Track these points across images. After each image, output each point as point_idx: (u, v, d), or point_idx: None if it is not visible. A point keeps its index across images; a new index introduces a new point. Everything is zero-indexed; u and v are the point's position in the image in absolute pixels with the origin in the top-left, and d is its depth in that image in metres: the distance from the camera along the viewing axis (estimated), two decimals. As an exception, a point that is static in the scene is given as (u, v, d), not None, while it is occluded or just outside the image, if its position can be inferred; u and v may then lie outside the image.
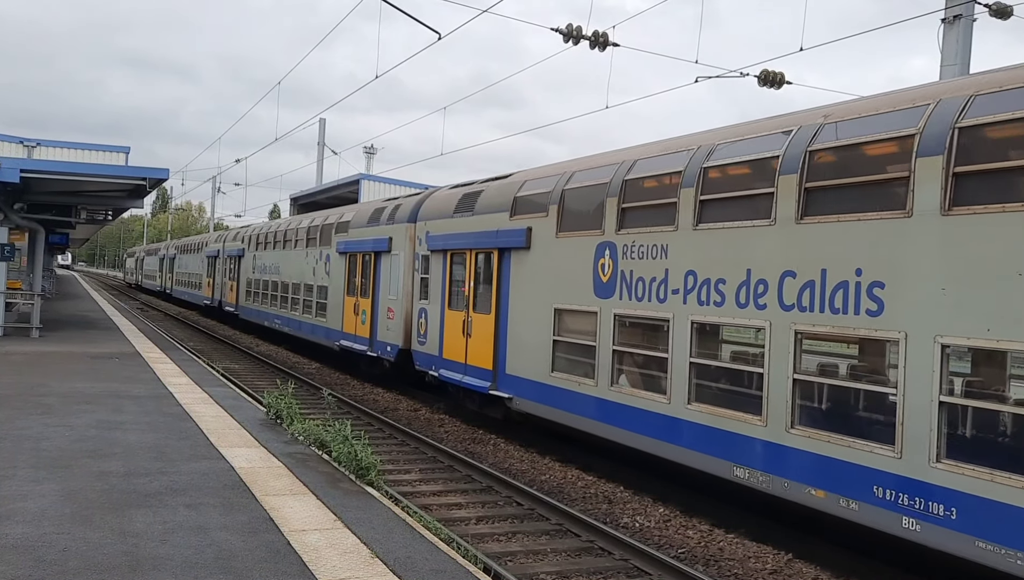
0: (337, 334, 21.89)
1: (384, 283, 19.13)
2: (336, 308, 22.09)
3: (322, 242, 23.83)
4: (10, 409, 11.62)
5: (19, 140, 34.92)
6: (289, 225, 28.30)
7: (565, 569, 8.37)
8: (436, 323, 16.33)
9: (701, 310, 9.91)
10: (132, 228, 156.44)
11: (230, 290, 35.48)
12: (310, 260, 24.70)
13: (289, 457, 9.69)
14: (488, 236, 14.61)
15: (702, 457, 9.77)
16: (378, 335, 19.29)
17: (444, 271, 16.15)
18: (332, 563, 6.19)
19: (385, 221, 19.52)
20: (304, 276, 25.11)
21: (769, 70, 15.34)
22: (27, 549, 6.10)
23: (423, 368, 17.03)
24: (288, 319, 26.79)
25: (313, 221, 25.54)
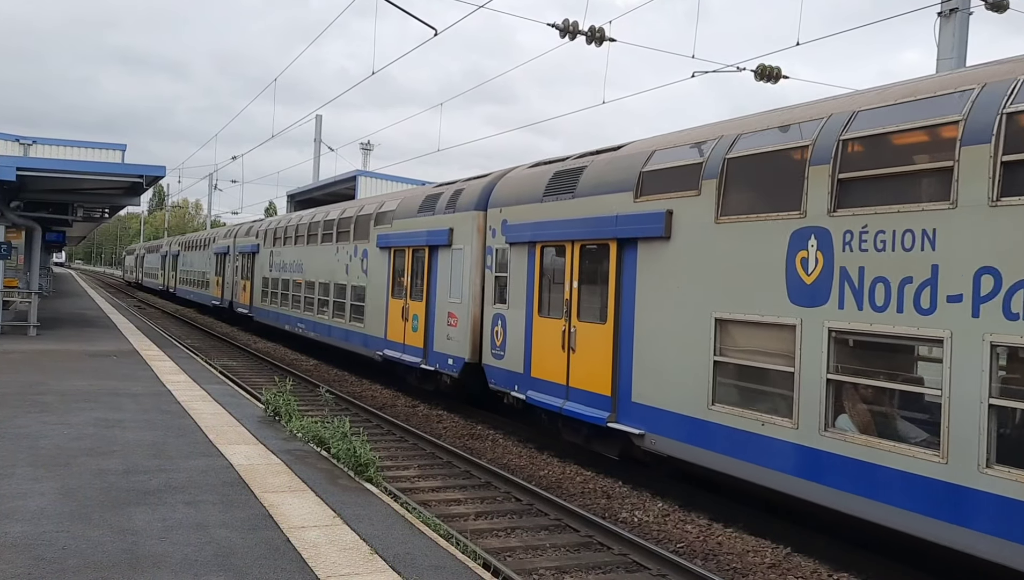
0: (378, 342, 19.03)
1: (442, 283, 16.21)
2: (377, 312, 19.33)
3: (357, 236, 20.99)
4: (8, 407, 11.61)
5: (15, 138, 34.87)
6: (314, 217, 25.30)
7: (564, 564, 8.39)
8: (519, 333, 13.42)
9: (1011, 327, 6.75)
10: (129, 226, 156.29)
11: (243, 290, 32.72)
12: (342, 256, 21.88)
13: (288, 454, 9.70)
14: (600, 223, 11.46)
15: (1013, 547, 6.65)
16: (435, 345, 16.29)
17: (530, 268, 13.20)
18: (332, 559, 6.20)
19: (443, 209, 16.52)
20: (334, 275, 22.34)
21: (766, 64, 15.34)
22: (26, 547, 6.10)
23: (501, 387, 14.02)
24: (314, 324, 23.79)
25: (344, 212, 22.64)
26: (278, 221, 29.83)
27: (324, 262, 23.42)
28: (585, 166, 12.49)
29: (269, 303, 28.94)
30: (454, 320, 15.66)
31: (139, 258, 77.81)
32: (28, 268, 26.38)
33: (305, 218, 26.33)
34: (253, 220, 35.60)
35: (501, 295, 14.13)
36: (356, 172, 41.62)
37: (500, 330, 14.06)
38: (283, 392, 12.22)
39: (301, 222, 26.35)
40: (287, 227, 27.80)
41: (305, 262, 25.21)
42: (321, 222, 24.24)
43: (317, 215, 25.33)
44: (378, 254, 19.44)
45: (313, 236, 24.75)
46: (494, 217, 14.50)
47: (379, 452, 11.36)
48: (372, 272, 19.84)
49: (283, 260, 27.66)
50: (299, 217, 27.29)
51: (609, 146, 12.76)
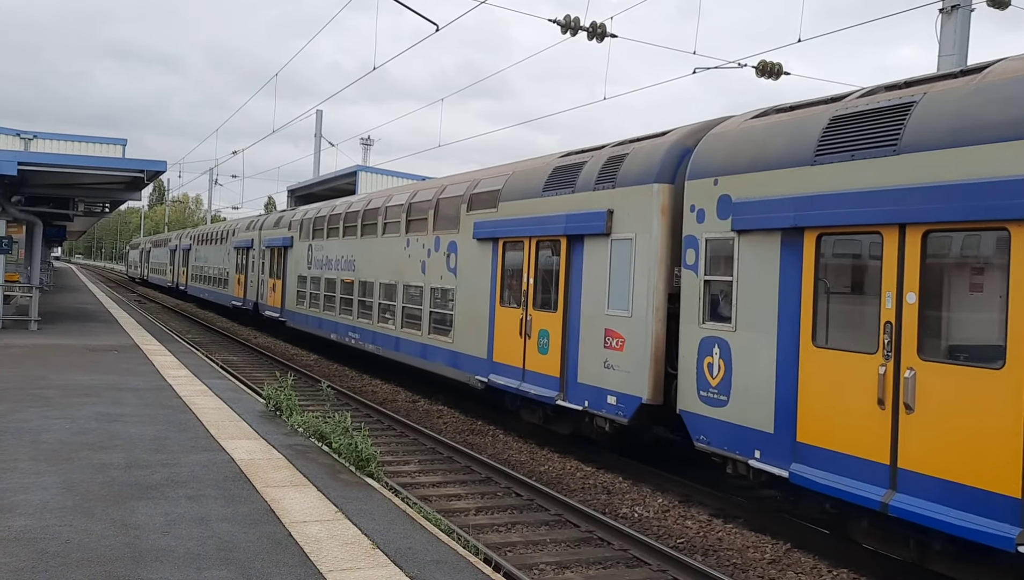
0: (477, 364, 14.80)
1: (592, 287, 12.02)
2: (474, 324, 15.06)
3: (439, 225, 16.84)
4: (10, 402, 11.64)
5: (16, 132, 34.85)
6: (369, 204, 21.04)
7: (565, 559, 8.42)
8: (765, 370, 8.88)
9: None
10: (129, 220, 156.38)
11: (271, 290, 28.50)
12: (415, 251, 17.78)
13: (289, 449, 9.72)
14: (984, 193, 6.83)
15: None
16: (579, 374, 12.12)
17: (789, 270, 8.62)
18: (333, 554, 6.22)
19: (591, 183, 12.23)
20: (403, 274, 18.22)
21: (767, 61, 15.34)
22: (30, 541, 6.12)
23: (723, 450, 9.50)
24: (374, 334, 19.51)
25: (416, 196, 18.38)
26: (317, 210, 25.36)
27: (388, 258, 19.13)
28: (912, 103, 7.82)
29: (307, 307, 24.69)
30: (617, 341, 11.39)
31: (144, 253, 73.20)
32: (29, 262, 26.41)
33: (357, 205, 22.04)
34: (282, 210, 31.30)
35: (717, 309, 9.72)
36: (357, 167, 41.62)
37: (718, 362, 9.58)
38: (284, 387, 12.25)
39: (351, 210, 22.10)
40: (331, 217, 23.48)
41: (359, 258, 20.99)
42: (382, 209, 19.89)
43: (374, 201, 21.05)
44: (475, 248, 15.15)
45: (370, 226, 20.49)
46: (700, 191, 9.99)
47: (380, 447, 11.38)
48: (465, 271, 15.54)
49: (327, 256, 23.35)
50: (347, 204, 23.19)
51: (930, 75, 8.26)
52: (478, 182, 15.71)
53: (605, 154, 12.39)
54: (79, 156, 26.83)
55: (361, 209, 21.31)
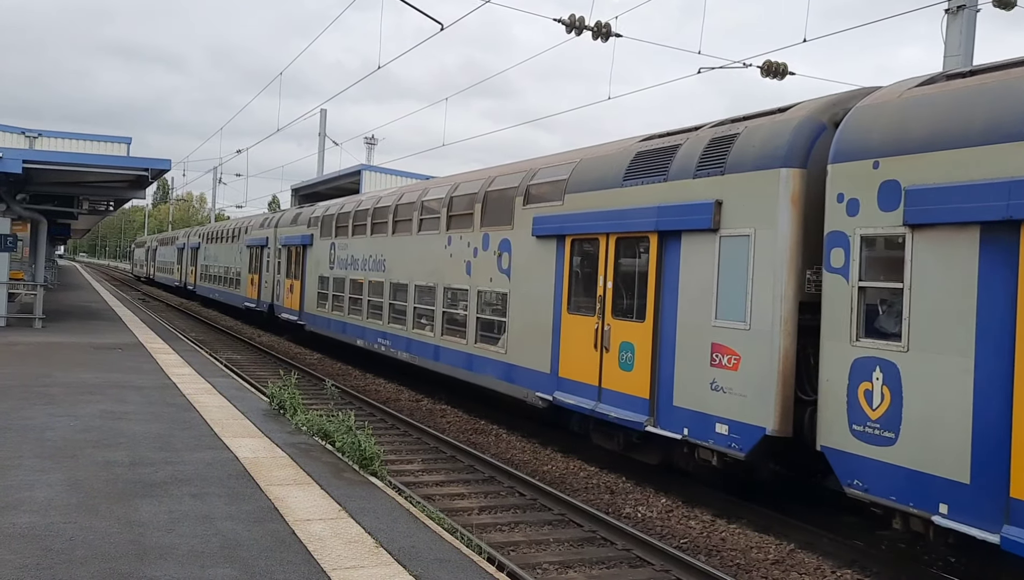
0: (538, 379, 12.93)
1: (692, 293, 10.10)
2: (534, 333, 13.15)
3: (487, 221, 14.97)
4: (15, 399, 11.67)
5: (21, 130, 34.96)
6: (401, 199, 19.13)
7: (568, 559, 8.42)
8: (954, 402, 7.15)
9: None
10: (133, 219, 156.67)
11: (289, 292, 26.80)
12: (459, 250, 15.89)
13: (293, 447, 9.73)
14: None
15: None
16: (674, 396, 10.22)
17: (1000, 276, 6.89)
18: (337, 552, 6.23)
19: (690, 169, 10.33)
20: (444, 275, 16.40)
21: (772, 61, 15.32)
22: (35, 538, 6.14)
23: (891, 502, 7.67)
24: (409, 342, 17.79)
25: (458, 188, 16.53)
26: (340, 206, 23.58)
27: (425, 258, 17.34)
28: None
29: (330, 310, 22.98)
30: (729, 358, 9.54)
31: (151, 251, 71.20)
32: (33, 260, 26.48)
33: (387, 200, 20.18)
34: (300, 206, 29.39)
35: (878, 323, 8.02)
36: (361, 166, 41.69)
37: (879, 389, 7.78)
38: (288, 386, 12.26)
39: (380, 205, 20.26)
40: (357, 212, 21.66)
41: (391, 258, 19.18)
42: (417, 204, 18.07)
43: (407, 195, 19.07)
44: (534, 246, 13.36)
45: (403, 223, 18.69)
46: (851, 177, 8.19)
47: (383, 446, 11.38)
48: (521, 273, 13.70)
49: (352, 255, 21.54)
50: (374, 198, 21.39)
51: None
52: (535, 172, 13.86)
53: (705, 136, 10.46)
54: (84, 154, 26.87)
55: (392, 204, 19.36)
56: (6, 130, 35.15)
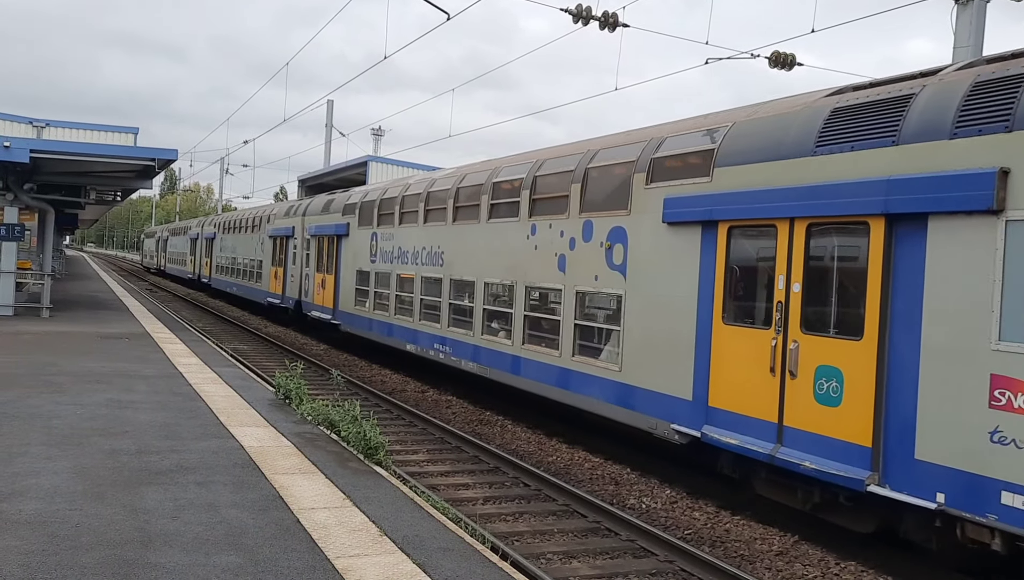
0: (675, 407, 10.23)
1: (949, 303, 7.37)
2: (665, 347, 10.50)
3: (591, 205, 12.24)
4: (22, 387, 11.72)
5: (28, 120, 35.03)
6: (463, 181, 16.46)
7: (572, 549, 8.44)
8: None
9: None
10: (140, 209, 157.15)
11: (320, 287, 24.46)
12: (547, 242, 13.21)
13: (298, 437, 9.76)
14: None
15: None
16: (916, 446, 7.48)
17: None
18: (341, 540, 6.25)
19: (955, 126, 7.47)
20: (526, 272, 13.73)
21: (780, 52, 15.24)
22: (41, 525, 6.17)
23: None
24: (476, 349, 15.21)
25: (542, 166, 13.83)
26: (383, 191, 20.90)
27: (499, 250, 14.69)
28: None
29: (371, 309, 20.48)
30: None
31: (161, 241, 68.08)
32: (41, 250, 26.56)
33: (444, 182, 17.44)
34: (333, 193, 26.77)
35: None
36: (367, 157, 41.66)
37: None
38: (294, 376, 12.29)
39: (436, 189, 17.56)
40: (405, 198, 19.01)
41: (451, 250, 16.53)
42: (487, 187, 15.31)
43: (470, 176, 16.40)
44: (664, 236, 10.60)
45: (467, 208, 16.08)
46: None
47: (388, 436, 11.41)
48: (644, 269, 10.98)
49: (399, 247, 19.09)
50: (427, 181, 18.55)
51: None
52: (661, 142, 11.07)
53: (962, 80, 7.66)
54: (90, 144, 26.95)
55: (452, 187, 16.71)
56: (14, 120, 35.22)
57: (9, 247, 22.40)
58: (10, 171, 21.45)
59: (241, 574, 5.47)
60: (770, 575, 8.00)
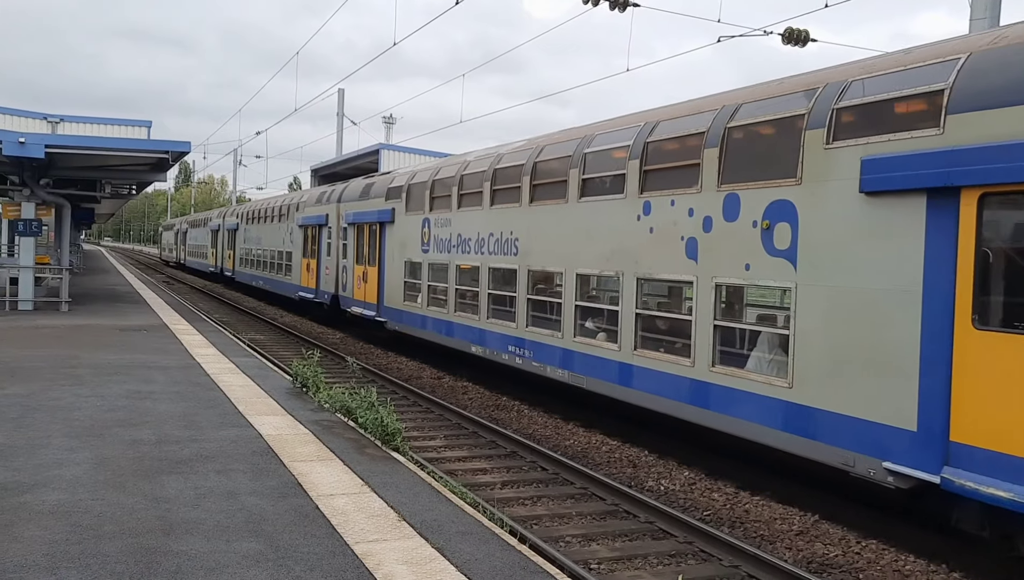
0: (887, 439, 7.77)
1: None
2: (867, 359, 8.07)
3: (732, 174, 9.89)
4: (43, 380, 11.83)
5: (43, 116, 35.24)
6: (540, 154, 13.99)
7: (590, 532, 8.45)
8: None
9: None
10: (156, 202, 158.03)
11: (360, 280, 22.26)
12: (667, 222, 10.81)
13: (315, 424, 9.81)
14: None
15: None
16: None
17: None
18: (360, 526, 6.28)
19: None
20: (637, 260, 11.34)
21: (793, 28, 15.06)
22: (64, 514, 6.23)
23: None
24: (566, 353, 12.83)
25: (655, 131, 11.36)
26: (435, 170, 18.40)
27: (598, 234, 12.12)
28: None
29: (424, 304, 18.21)
30: None
31: (180, 234, 65.58)
32: (59, 245, 26.78)
33: (513, 157, 14.90)
34: (371, 176, 24.27)
35: None
36: (379, 145, 41.63)
37: None
38: (310, 364, 12.34)
39: (504, 166, 15.08)
40: (465, 177, 16.57)
41: (528, 235, 14.01)
42: (576, 158, 12.75)
43: (549, 148, 13.91)
44: (861, 210, 8.21)
45: (549, 186, 13.53)
46: None
47: (405, 423, 11.45)
48: (830, 255, 8.53)
49: (459, 233, 16.58)
50: (489, 157, 15.96)
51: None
52: (845, 87, 8.61)
53: None
54: (104, 138, 27.06)
55: (527, 162, 14.18)
56: (29, 116, 35.44)
57: (27, 242, 22.61)
58: (26, 167, 21.62)
59: (262, 560, 5.50)
60: (791, 555, 7.98)
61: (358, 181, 24.62)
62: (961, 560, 7.75)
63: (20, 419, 9.34)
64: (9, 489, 6.79)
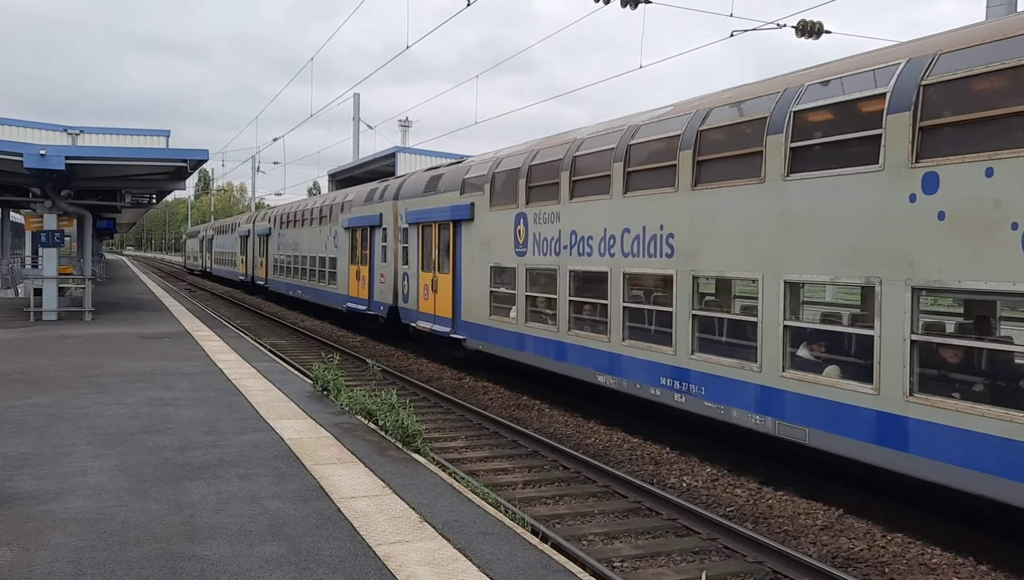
0: None
1: None
2: None
3: None
4: (67, 389, 11.96)
5: (63, 128, 35.69)
6: (706, 119, 10.66)
7: (613, 530, 8.42)
8: None
9: None
10: (176, 211, 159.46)
11: (428, 291, 18.77)
12: (967, 204, 7.24)
13: (337, 427, 9.84)
14: None
15: None
16: None
17: None
18: (382, 528, 6.29)
19: None
20: (909, 263, 7.75)
21: (807, 20, 14.93)
22: (89, 521, 6.30)
23: None
24: (775, 397, 9.32)
25: (933, 68, 7.58)
26: (528, 153, 14.98)
27: (823, 225, 8.81)
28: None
29: (522, 321, 14.83)
30: None
31: (206, 241, 62.14)
32: (81, 255, 27.07)
33: (655, 129, 11.74)
34: (436, 168, 20.77)
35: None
36: (395, 148, 41.77)
37: None
38: (331, 367, 12.39)
39: (641, 141, 11.91)
40: (577, 159, 13.34)
41: (689, 230, 10.82)
42: (775, 123, 9.36)
43: (716, 111, 10.67)
44: None
45: (725, 164, 10.37)
46: None
47: (426, 424, 11.47)
48: None
49: (572, 230, 13.36)
50: (616, 130, 12.62)
51: None
52: None
53: None
54: (123, 148, 27.38)
55: (683, 131, 10.85)
56: (50, 128, 35.93)
57: (50, 253, 22.87)
58: (47, 179, 21.86)
59: (285, 564, 5.53)
60: (815, 549, 7.91)
61: (420, 174, 21.41)
62: (988, 554, 7.65)
63: (45, 428, 9.45)
64: (35, 497, 6.88)
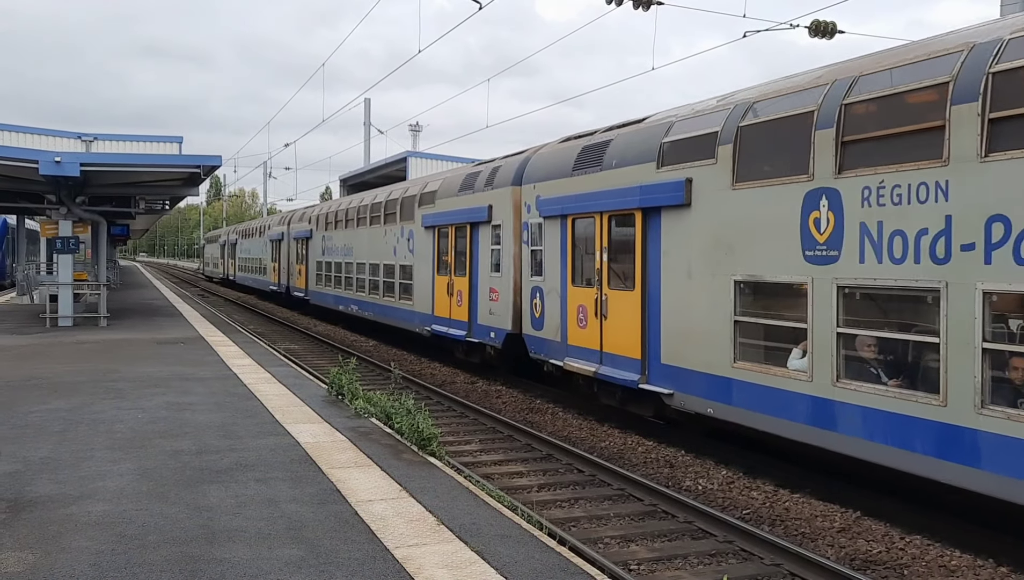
0: None
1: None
2: None
3: None
4: (85, 395, 12.05)
5: (77, 135, 35.99)
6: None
7: (629, 533, 8.40)
8: None
9: None
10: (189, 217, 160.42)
11: (590, 315, 12.90)
12: None
13: (352, 431, 9.87)
14: None
15: None
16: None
17: None
18: (399, 531, 6.31)
19: None
20: None
21: (820, 20, 14.90)
22: (108, 525, 6.34)
23: None
24: None
25: None
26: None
27: None
28: None
29: (814, 375, 8.67)
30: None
31: (228, 246, 55.68)
32: (96, 261, 27.27)
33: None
34: (567, 138, 15.25)
35: None
36: (406, 153, 41.89)
37: None
38: (346, 372, 12.43)
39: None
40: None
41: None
42: None
43: None
44: None
45: None
46: None
47: (441, 427, 11.49)
48: None
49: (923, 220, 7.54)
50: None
51: None
52: None
53: None
54: (136, 155, 27.56)
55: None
56: (63, 135, 36.23)
57: (65, 260, 23.04)
58: (62, 185, 22.05)
59: (303, 566, 5.55)
60: (833, 552, 7.88)
61: (555, 146, 15.40)
62: (1009, 555, 7.60)
63: (64, 433, 9.52)
64: (56, 501, 6.93)
